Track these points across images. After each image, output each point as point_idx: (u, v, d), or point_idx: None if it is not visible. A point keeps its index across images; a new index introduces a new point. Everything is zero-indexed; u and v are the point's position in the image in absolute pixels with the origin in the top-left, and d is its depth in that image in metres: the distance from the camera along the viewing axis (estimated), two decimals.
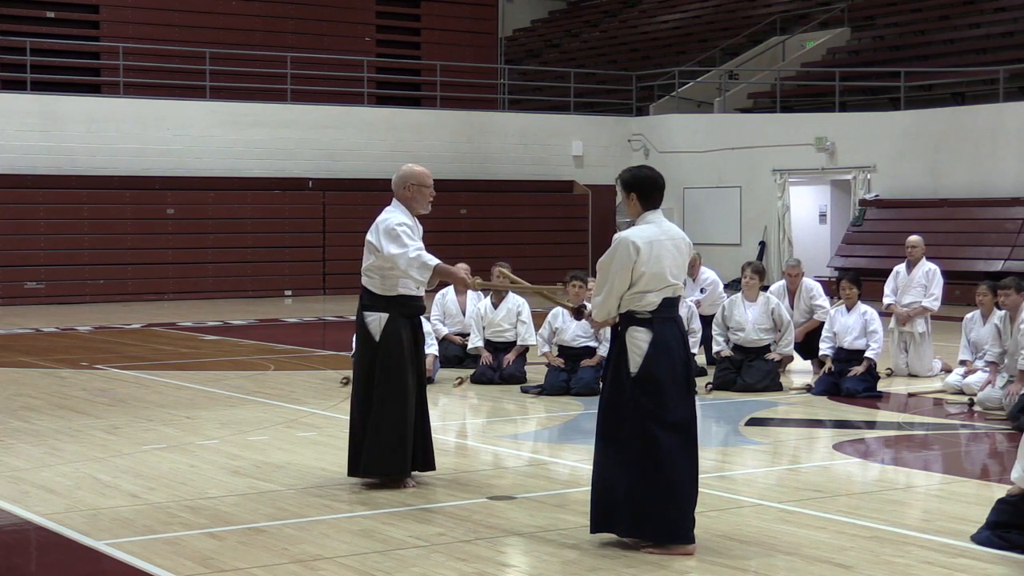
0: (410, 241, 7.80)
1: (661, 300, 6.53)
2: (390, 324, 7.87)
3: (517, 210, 27.51)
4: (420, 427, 7.98)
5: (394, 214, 7.96)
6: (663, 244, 6.57)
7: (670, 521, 6.36)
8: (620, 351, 6.55)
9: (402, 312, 7.92)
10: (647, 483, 6.36)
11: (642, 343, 6.47)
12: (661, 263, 6.53)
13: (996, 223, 23.27)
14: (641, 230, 6.61)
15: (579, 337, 12.27)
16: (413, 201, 8.01)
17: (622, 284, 6.52)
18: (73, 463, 8.73)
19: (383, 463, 7.82)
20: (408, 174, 8.04)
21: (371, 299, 7.97)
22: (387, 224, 7.88)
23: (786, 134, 26.90)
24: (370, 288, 7.99)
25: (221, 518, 7.14)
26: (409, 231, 7.86)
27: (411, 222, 7.97)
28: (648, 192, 6.70)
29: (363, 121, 27.06)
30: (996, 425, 10.49)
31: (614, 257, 6.56)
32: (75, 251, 23.77)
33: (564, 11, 42.31)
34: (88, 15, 26.99)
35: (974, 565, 6.22)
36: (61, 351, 15.94)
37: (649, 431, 6.38)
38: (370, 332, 7.90)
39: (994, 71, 25.17)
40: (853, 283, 12.48)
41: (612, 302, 6.56)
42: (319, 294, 25.68)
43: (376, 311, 7.92)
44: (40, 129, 24.06)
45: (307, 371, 14.10)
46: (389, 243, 7.79)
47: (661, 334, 6.48)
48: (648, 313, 6.51)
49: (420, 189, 8.00)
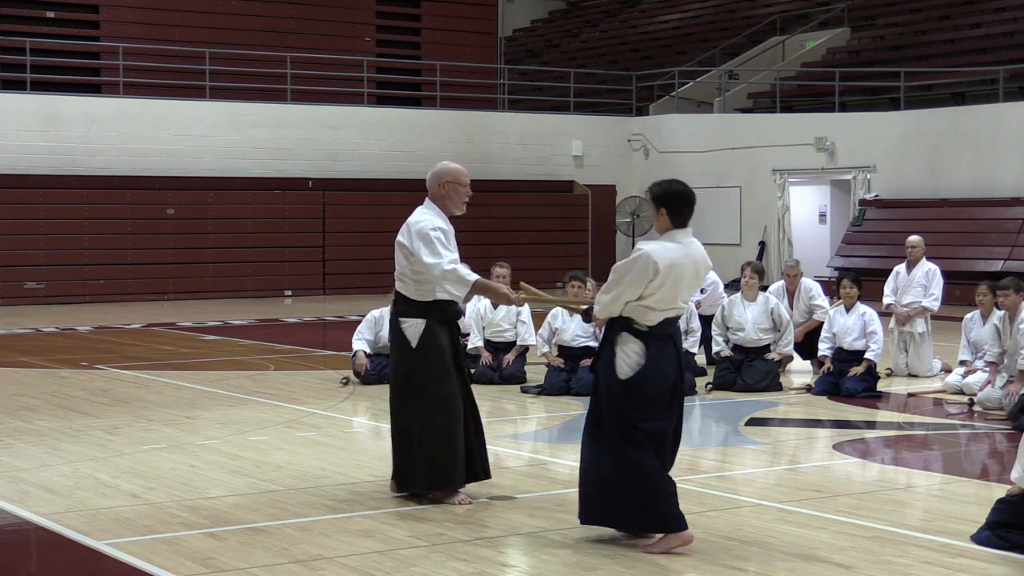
0: (444, 250, 7.37)
1: (663, 319, 6.51)
2: (428, 330, 7.45)
3: (517, 210, 27.50)
4: (474, 434, 7.60)
5: (428, 216, 7.53)
6: (683, 268, 6.47)
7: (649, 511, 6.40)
8: (611, 352, 6.54)
9: (440, 318, 7.51)
10: (626, 477, 6.40)
11: (632, 355, 6.46)
12: (676, 288, 6.46)
13: (996, 223, 23.28)
14: (666, 249, 6.46)
15: (579, 337, 12.27)
16: (447, 199, 7.59)
17: (632, 295, 6.45)
18: (73, 463, 8.73)
19: (434, 477, 7.44)
20: (443, 170, 7.64)
21: (406, 305, 7.54)
22: (420, 227, 7.44)
23: (786, 134, 26.90)
24: (404, 293, 7.56)
25: (221, 518, 7.14)
26: (444, 237, 7.43)
27: (446, 226, 7.53)
28: (679, 208, 6.53)
29: (363, 121, 27.06)
30: (996, 425, 10.49)
31: (632, 268, 6.43)
32: (75, 251, 23.77)
33: (564, 11, 42.31)
34: (88, 15, 26.99)
35: (974, 565, 6.22)
36: (61, 351, 15.94)
37: (628, 430, 6.41)
38: (407, 339, 7.48)
39: (994, 71, 25.17)
40: (854, 283, 12.48)
41: (617, 307, 6.51)
42: (319, 294, 25.69)
43: (412, 317, 7.49)
44: (40, 129, 24.06)
45: (307, 371, 14.10)
46: (423, 249, 7.36)
47: (655, 350, 6.46)
48: (646, 327, 6.47)
49: (455, 187, 7.58)
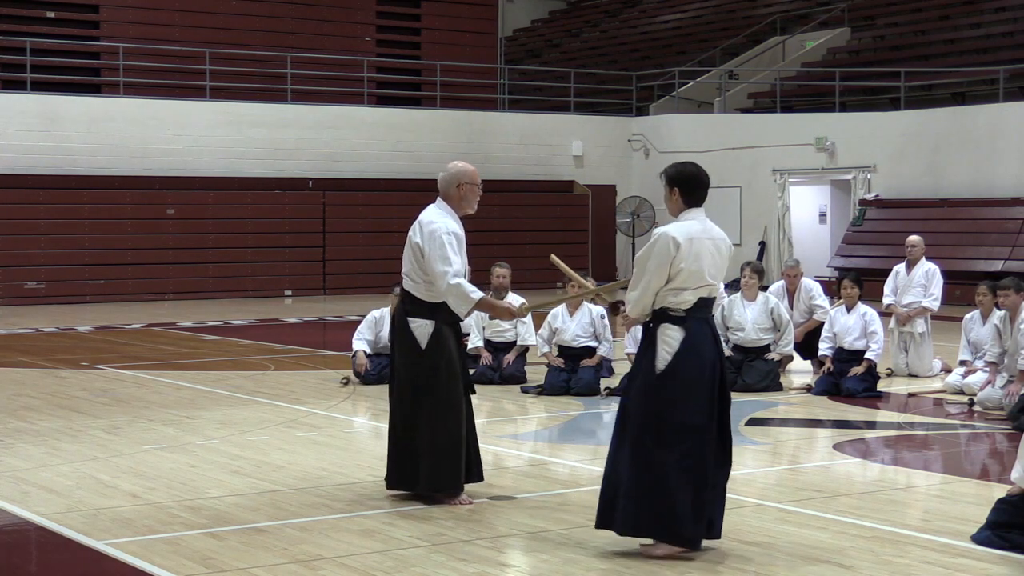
0: (455, 257, 7.33)
1: (697, 299, 6.40)
2: (437, 332, 7.43)
3: (517, 210, 27.50)
4: (471, 437, 7.64)
5: (443, 219, 7.47)
6: (703, 242, 6.44)
7: (667, 518, 6.24)
8: (649, 347, 6.42)
9: (447, 319, 7.49)
10: (651, 480, 6.25)
11: (673, 341, 6.33)
12: (700, 261, 6.39)
13: (996, 223, 23.28)
14: (682, 226, 6.45)
15: (579, 337, 12.27)
16: (463, 201, 7.55)
17: (659, 280, 6.36)
18: (73, 463, 8.73)
19: (441, 479, 7.44)
20: (461, 172, 7.57)
21: (414, 305, 7.50)
22: (434, 230, 7.38)
23: (786, 134, 26.90)
24: (414, 293, 7.51)
25: (221, 518, 7.14)
26: (456, 242, 7.39)
27: (459, 229, 7.48)
28: (692, 188, 6.53)
29: (363, 121, 27.06)
30: (996, 425, 10.49)
31: (652, 252, 6.39)
32: (75, 251, 23.78)
33: (564, 11, 42.30)
34: (88, 15, 26.99)
35: (974, 565, 6.22)
36: (61, 351, 15.94)
37: (662, 427, 6.27)
38: (416, 340, 7.44)
39: (994, 71, 25.17)
40: (855, 283, 12.48)
41: (648, 298, 6.41)
42: (319, 294, 25.69)
43: (421, 318, 7.45)
44: (40, 129, 24.06)
45: (307, 371, 14.10)
46: (434, 254, 7.33)
47: (694, 334, 6.35)
48: (682, 311, 6.37)
49: (473, 188, 7.55)
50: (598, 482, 8.32)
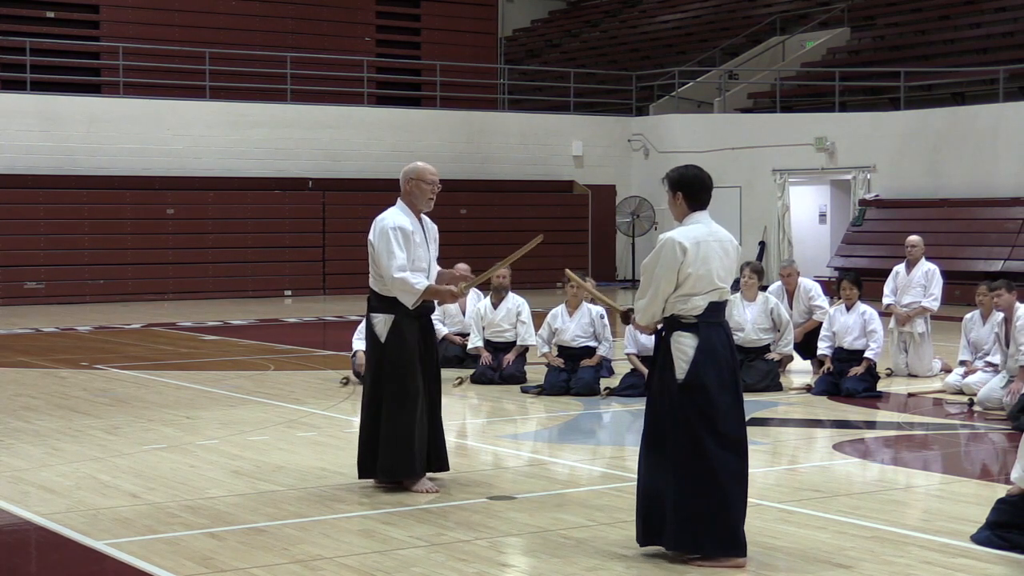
0: (398, 251, 7.74)
1: (707, 304, 6.30)
2: (396, 325, 7.80)
3: (517, 210, 27.50)
4: (432, 427, 7.89)
5: (393, 214, 7.92)
6: (710, 245, 6.33)
7: (723, 531, 6.15)
8: (665, 357, 6.32)
9: (408, 312, 7.82)
10: (697, 491, 6.13)
11: (688, 349, 6.24)
12: (708, 264, 6.29)
13: (996, 223, 23.28)
14: (687, 230, 6.36)
15: (579, 337, 12.27)
16: (412, 196, 7.95)
17: (668, 286, 6.28)
18: (73, 463, 8.73)
19: (395, 466, 7.74)
20: (410, 168, 8.04)
21: (377, 300, 7.93)
22: (382, 225, 7.86)
23: (786, 134, 26.90)
24: (376, 289, 7.95)
25: (221, 518, 7.14)
26: (401, 236, 7.79)
27: (409, 224, 7.87)
28: (695, 192, 6.43)
29: (363, 121, 27.07)
30: (996, 425, 10.49)
31: (659, 258, 6.30)
32: (75, 251, 23.77)
33: (564, 11, 42.31)
34: (88, 15, 26.98)
35: (974, 565, 6.22)
36: (61, 351, 15.93)
37: (698, 438, 6.16)
38: (376, 334, 7.86)
39: (994, 71, 25.17)
40: (854, 283, 12.48)
41: (657, 306, 6.33)
42: (319, 294, 25.69)
43: (382, 312, 7.86)
44: (40, 129, 24.06)
45: (307, 371, 14.10)
46: (380, 249, 7.80)
47: (708, 339, 6.25)
48: (694, 317, 6.28)
49: (419, 184, 7.92)
50: (598, 482, 8.35)
